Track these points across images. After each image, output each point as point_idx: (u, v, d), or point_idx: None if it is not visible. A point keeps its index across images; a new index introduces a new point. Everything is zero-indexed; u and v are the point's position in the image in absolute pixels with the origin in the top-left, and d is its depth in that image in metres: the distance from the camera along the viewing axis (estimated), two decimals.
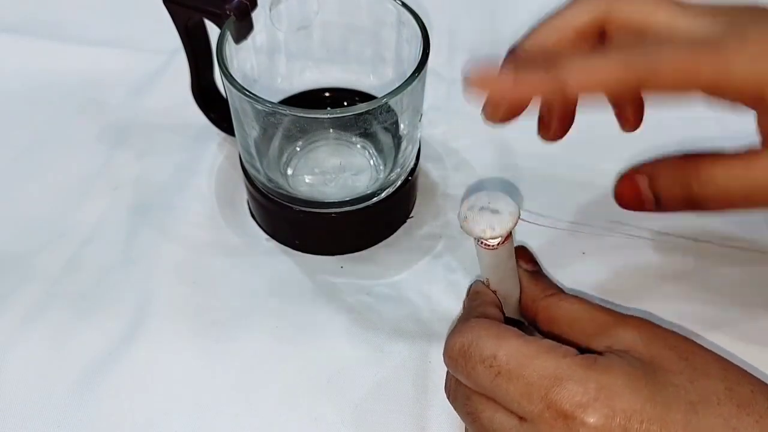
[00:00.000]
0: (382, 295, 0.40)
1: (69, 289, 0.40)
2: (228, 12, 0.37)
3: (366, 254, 0.42)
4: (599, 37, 0.31)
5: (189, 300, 0.39)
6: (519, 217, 0.31)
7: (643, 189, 0.32)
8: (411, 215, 0.43)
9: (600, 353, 0.29)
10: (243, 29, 0.38)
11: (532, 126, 0.50)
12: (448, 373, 0.32)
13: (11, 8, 0.55)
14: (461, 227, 0.31)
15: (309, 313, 0.39)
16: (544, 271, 0.39)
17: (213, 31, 0.39)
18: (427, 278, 0.40)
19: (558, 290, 0.35)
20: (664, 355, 0.29)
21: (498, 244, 0.31)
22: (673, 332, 0.31)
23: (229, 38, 0.37)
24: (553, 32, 0.31)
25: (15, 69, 0.51)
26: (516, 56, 0.32)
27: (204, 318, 0.38)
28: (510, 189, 0.45)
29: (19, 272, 0.40)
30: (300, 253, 0.41)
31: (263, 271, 0.41)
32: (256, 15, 0.39)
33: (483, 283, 0.35)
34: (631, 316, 0.32)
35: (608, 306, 0.33)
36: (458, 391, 0.31)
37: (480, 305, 0.34)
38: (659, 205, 0.31)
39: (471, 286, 0.37)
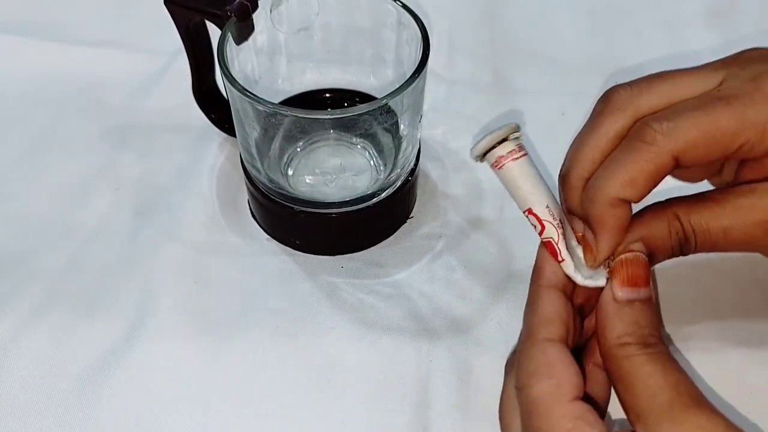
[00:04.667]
0: (382, 295, 0.40)
1: (70, 289, 0.40)
2: (229, 13, 0.37)
3: (366, 254, 0.42)
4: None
5: (190, 300, 0.39)
6: (518, 129, 0.31)
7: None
8: (411, 215, 0.43)
9: None
10: (244, 30, 0.39)
11: (531, 126, 0.50)
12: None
13: (12, 9, 0.56)
14: (475, 159, 0.32)
15: (309, 313, 0.39)
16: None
17: (214, 32, 0.39)
18: (427, 278, 0.40)
19: (647, 336, 0.28)
20: None
21: (507, 154, 0.31)
22: None
23: (230, 39, 0.37)
24: (595, 151, 0.31)
25: (16, 70, 0.51)
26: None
27: (205, 318, 0.39)
28: None
29: (20, 272, 0.40)
30: (300, 253, 0.42)
31: (264, 271, 0.41)
32: (256, 16, 0.39)
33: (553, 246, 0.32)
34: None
35: None
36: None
37: (539, 324, 0.30)
38: (651, 259, 0.31)
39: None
